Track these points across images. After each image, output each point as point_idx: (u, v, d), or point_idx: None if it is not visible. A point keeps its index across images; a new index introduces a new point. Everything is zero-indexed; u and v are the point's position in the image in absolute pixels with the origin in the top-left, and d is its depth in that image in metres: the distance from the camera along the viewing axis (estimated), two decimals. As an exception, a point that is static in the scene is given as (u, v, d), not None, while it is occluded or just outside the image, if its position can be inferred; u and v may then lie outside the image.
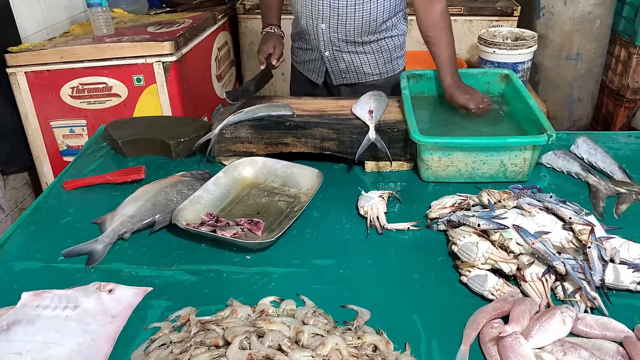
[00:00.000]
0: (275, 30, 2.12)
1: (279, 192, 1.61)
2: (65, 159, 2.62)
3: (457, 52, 3.71)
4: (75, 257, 1.36)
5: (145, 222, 1.44)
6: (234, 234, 1.39)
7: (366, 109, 1.70)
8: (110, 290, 1.21)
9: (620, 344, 1.06)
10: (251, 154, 1.72)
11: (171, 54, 2.46)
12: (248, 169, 1.66)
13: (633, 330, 1.09)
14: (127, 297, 1.21)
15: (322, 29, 1.97)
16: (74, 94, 2.50)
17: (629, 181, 1.58)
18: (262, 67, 2.01)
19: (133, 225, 1.43)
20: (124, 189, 1.64)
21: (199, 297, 1.22)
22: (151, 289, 1.25)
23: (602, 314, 1.14)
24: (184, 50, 2.58)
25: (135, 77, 2.47)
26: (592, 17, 3.64)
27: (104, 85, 2.49)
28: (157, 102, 2.50)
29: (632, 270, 1.20)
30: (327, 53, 2.03)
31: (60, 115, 2.55)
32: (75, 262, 1.34)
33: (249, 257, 1.35)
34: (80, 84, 2.48)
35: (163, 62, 2.44)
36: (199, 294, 1.24)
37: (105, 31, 2.66)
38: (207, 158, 1.76)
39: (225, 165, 1.74)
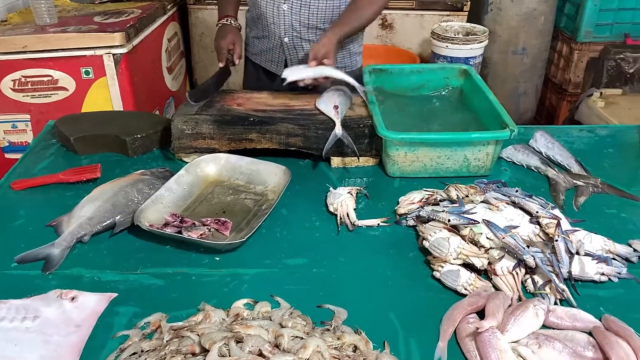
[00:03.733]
0: (232, 22, 2.00)
1: (244, 189, 1.57)
2: (8, 156, 2.47)
3: (409, 46, 3.78)
4: (30, 263, 1.27)
5: (105, 224, 1.37)
6: (201, 234, 1.34)
7: (331, 104, 1.68)
8: (72, 298, 1.14)
9: (589, 333, 1.10)
10: (213, 151, 1.67)
11: (122, 46, 2.35)
12: (211, 166, 1.61)
13: (600, 320, 1.13)
14: (91, 304, 1.15)
15: (283, 10, 1.89)
16: (16, 87, 2.36)
17: (585, 174, 1.64)
18: (221, 65, 1.89)
19: (92, 227, 1.36)
20: (78, 189, 1.56)
21: (168, 302, 1.17)
22: (116, 294, 1.19)
23: (571, 305, 1.17)
24: (135, 42, 2.48)
25: (83, 70, 2.34)
26: (537, 14, 3.77)
27: (50, 78, 2.35)
28: (107, 95, 2.39)
29: (596, 261, 1.24)
30: (286, 39, 1.96)
31: (1, 110, 2.40)
32: (31, 268, 1.26)
33: (218, 259, 1.31)
34: (22, 76, 2.34)
35: (114, 54, 2.33)
36: (168, 298, 1.19)
37: (48, 20, 2.51)
38: (168, 155, 1.70)
39: (186, 163, 1.69)
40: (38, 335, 1.06)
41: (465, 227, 1.29)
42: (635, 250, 1.32)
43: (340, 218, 1.44)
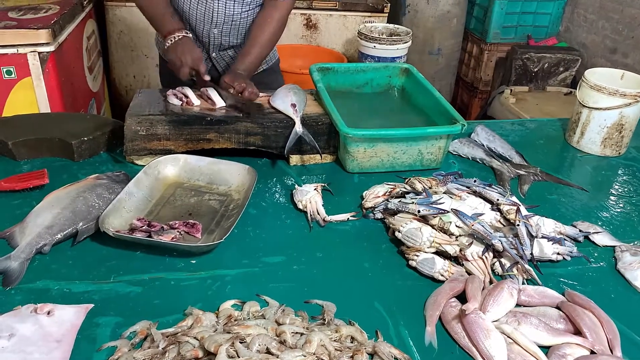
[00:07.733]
0: (187, 33, 1.79)
1: (207, 190, 1.53)
2: None
3: (333, 46, 3.84)
4: (-15, 278, 1.17)
5: (66, 232, 1.29)
6: (173, 238, 1.30)
7: (288, 102, 1.69)
8: (48, 312, 1.06)
9: (557, 307, 1.20)
10: (169, 152, 1.61)
11: (48, 44, 2.19)
12: (170, 168, 1.56)
13: (564, 295, 1.23)
14: (69, 317, 1.08)
15: (214, 33, 1.92)
16: None
17: (525, 164, 1.77)
18: (189, 77, 1.76)
19: (52, 236, 1.27)
20: (25, 197, 1.45)
21: (150, 309, 1.13)
22: (92, 305, 1.13)
23: (536, 284, 1.27)
24: (61, 39, 2.32)
25: (4, 70, 2.16)
26: (450, 16, 3.99)
27: (-36, 78, 2.15)
28: (32, 97, 2.22)
29: (552, 242, 1.36)
30: (214, 54, 1.99)
31: None
32: (-12, 284, 1.16)
33: (194, 262, 1.28)
34: None
35: (39, 53, 2.16)
36: (150, 305, 1.14)
37: (-44, 16, 2.29)
38: (117, 157, 1.62)
39: (137, 165, 1.62)
40: (17, 355, 0.98)
41: (435, 217, 1.35)
42: (580, 230, 1.45)
43: (311, 215, 1.45)
